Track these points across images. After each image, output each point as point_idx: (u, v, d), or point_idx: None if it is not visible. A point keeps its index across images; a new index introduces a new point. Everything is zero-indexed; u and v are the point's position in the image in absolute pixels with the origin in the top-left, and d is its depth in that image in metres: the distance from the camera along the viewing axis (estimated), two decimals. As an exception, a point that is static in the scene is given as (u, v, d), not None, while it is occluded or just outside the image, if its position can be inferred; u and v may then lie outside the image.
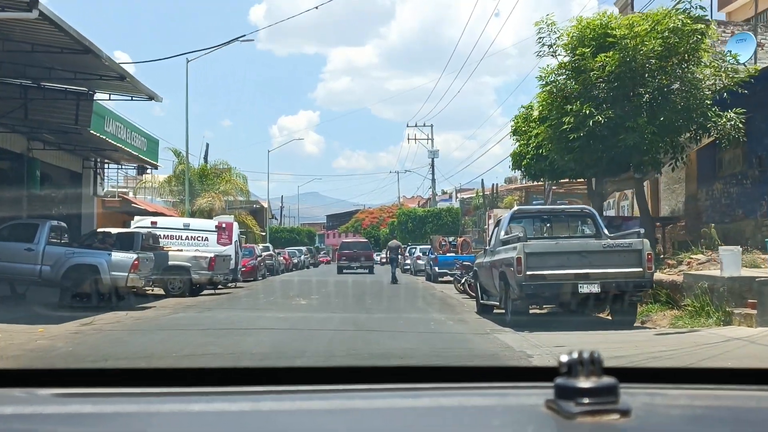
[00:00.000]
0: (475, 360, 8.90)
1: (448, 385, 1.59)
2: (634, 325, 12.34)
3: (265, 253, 38.98)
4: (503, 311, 13.14)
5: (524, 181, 38.11)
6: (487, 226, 50.87)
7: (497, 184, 52.97)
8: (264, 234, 63.02)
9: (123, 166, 32.66)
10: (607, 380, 1.26)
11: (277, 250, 47.81)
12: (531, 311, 12.82)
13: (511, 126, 21.37)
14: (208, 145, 40.72)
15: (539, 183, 39.60)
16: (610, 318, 12.84)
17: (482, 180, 54.19)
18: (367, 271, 40.98)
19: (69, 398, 1.47)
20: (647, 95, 15.41)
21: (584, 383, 1.25)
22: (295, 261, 51.64)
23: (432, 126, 60.41)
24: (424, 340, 11.06)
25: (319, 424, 1.38)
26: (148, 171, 37.32)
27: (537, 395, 1.36)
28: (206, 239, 26.93)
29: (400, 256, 32.61)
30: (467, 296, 20.45)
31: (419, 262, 43.71)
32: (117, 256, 17.85)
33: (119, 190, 37.37)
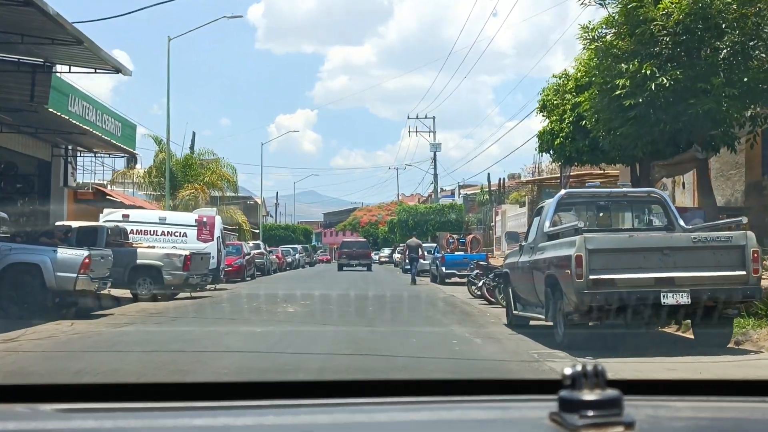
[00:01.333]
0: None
1: (450, 399, 1.59)
2: (728, 346, 9.21)
3: (255, 252, 35.86)
4: (542, 322, 10.04)
5: (552, 166, 34.98)
6: (494, 223, 47.78)
7: (504, 179, 49.81)
8: (257, 231, 60.00)
9: (98, 155, 29.48)
10: (611, 393, 1.24)
11: (269, 249, 44.66)
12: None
13: (539, 101, 18.15)
14: (194, 134, 37.60)
15: (553, 177, 36.50)
16: (692, 336, 9.71)
17: (488, 174, 51.46)
18: (365, 268, 42.88)
19: (71, 413, 1.48)
20: (725, 50, 12.17)
21: (588, 396, 1.23)
22: (289, 260, 48.43)
23: (434, 118, 57.21)
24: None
25: None
26: (136, 163, 34.28)
27: (540, 408, 1.34)
28: (185, 235, 23.79)
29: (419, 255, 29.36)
30: (485, 302, 17.30)
31: (423, 261, 40.63)
32: (64, 253, 14.68)
33: (97, 182, 34.22)
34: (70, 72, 21.36)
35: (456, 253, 28.01)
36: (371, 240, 79.41)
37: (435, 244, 30.20)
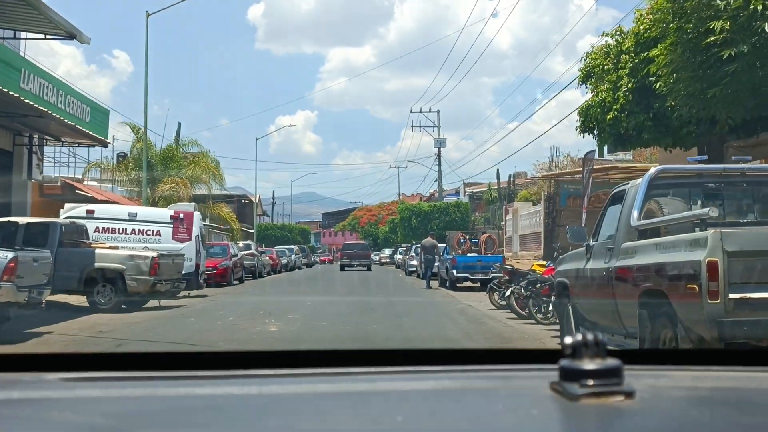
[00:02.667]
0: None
1: (452, 368, 1.59)
2: None
3: (244, 252, 32.65)
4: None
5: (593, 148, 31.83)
6: (504, 222, 44.56)
7: (514, 175, 46.56)
8: (252, 231, 56.85)
9: (65, 144, 26.22)
10: (612, 362, 1.24)
11: (261, 249, 41.44)
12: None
13: (581, 69, 14.84)
14: (180, 124, 34.18)
15: (572, 172, 33.28)
16: None
17: (497, 170, 48.18)
18: (365, 268, 45.18)
19: (76, 382, 1.47)
20: None
21: (589, 365, 1.23)
22: (284, 261, 45.18)
23: (438, 112, 54.00)
24: None
25: (323, 408, 1.35)
26: (123, 155, 30.88)
27: (541, 377, 1.35)
28: (158, 234, 20.60)
29: (437, 257, 26.18)
30: (513, 315, 14.11)
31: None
32: (-22, 255, 11.49)
33: (70, 177, 30.96)
34: (15, 38, 18.20)
35: (468, 254, 24.81)
36: (371, 240, 76.90)
37: (444, 245, 26.91)
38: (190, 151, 31.84)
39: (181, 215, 20.50)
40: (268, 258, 38.80)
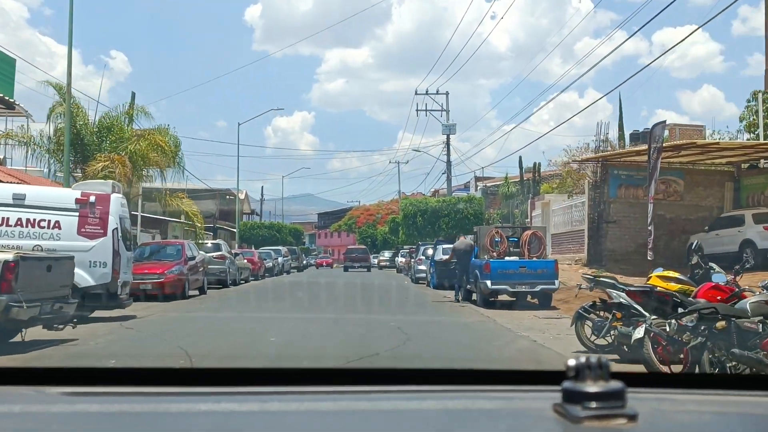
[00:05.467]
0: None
1: (455, 388, 1.58)
2: None
3: (213, 255, 25.97)
4: None
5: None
6: (529, 219, 37.76)
7: (539, 164, 39.82)
8: (234, 230, 50.18)
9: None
10: (615, 384, 1.24)
11: (239, 250, 34.72)
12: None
13: None
14: (134, 94, 27.42)
15: (627, 152, 26.55)
16: None
17: (519, 158, 41.20)
18: (365, 269, 48.48)
19: (77, 397, 1.47)
20: None
21: (592, 387, 1.22)
22: (270, 265, 38.21)
23: (447, 94, 47.18)
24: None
25: (326, 426, 1.35)
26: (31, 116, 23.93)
27: (544, 399, 1.34)
28: (56, 225, 13.93)
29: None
30: (631, 366, 7.38)
31: (420, 267, 30.64)
32: None
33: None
34: None
35: (508, 258, 18.13)
36: (369, 242, 70.35)
37: (471, 243, 20.16)
38: (140, 128, 24.95)
39: (93, 198, 13.78)
40: (246, 261, 31.98)
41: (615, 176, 26.65)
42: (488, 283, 17.35)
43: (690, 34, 32.81)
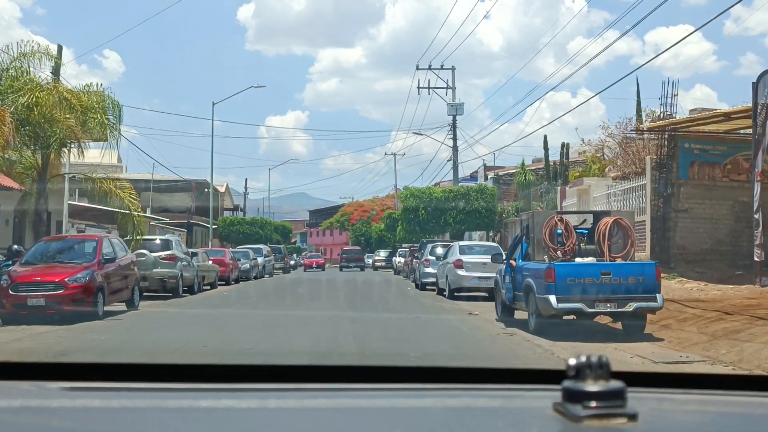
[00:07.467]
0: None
1: (454, 386, 1.57)
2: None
3: (158, 255, 19.72)
4: None
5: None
6: (558, 210, 31.48)
7: (567, 144, 33.48)
8: (212, 227, 43.99)
9: None
10: (615, 384, 1.22)
11: (202, 249, 28.45)
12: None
13: None
14: (60, 47, 21.00)
15: (708, 117, 20.27)
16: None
17: (545, 137, 35.12)
18: (359, 269, 47.91)
19: (77, 392, 1.45)
20: None
21: (592, 386, 1.21)
22: (246, 266, 31.76)
23: (453, 69, 40.81)
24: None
25: (324, 423, 1.33)
26: None
27: (544, 397, 1.32)
28: None
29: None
30: None
31: (428, 270, 24.06)
32: None
33: None
34: None
35: (581, 260, 11.92)
36: (363, 240, 64.57)
37: (515, 241, 13.93)
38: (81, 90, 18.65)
39: None
40: (211, 262, 25.61)
41: (685, 150, 20.42)
42: (552, 300, 11.08)
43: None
